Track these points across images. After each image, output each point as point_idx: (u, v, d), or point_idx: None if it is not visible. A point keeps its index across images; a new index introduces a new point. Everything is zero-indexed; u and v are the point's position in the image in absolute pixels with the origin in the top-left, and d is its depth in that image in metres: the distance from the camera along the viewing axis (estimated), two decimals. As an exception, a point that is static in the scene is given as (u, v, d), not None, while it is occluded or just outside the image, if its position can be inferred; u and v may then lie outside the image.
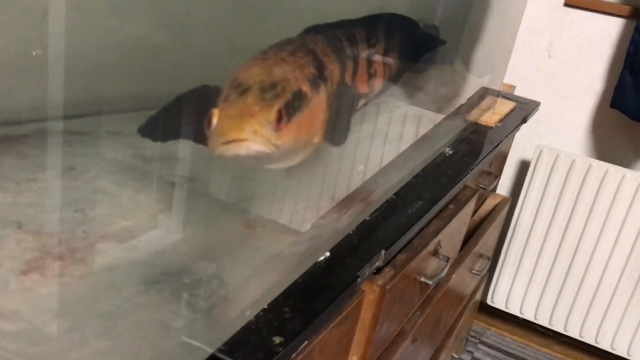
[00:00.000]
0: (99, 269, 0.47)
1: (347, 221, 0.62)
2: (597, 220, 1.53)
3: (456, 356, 1.54)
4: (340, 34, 0.75)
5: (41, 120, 0.64)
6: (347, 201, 0.65)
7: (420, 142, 0.86)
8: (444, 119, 0.96)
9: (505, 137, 1.02)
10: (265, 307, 0.49)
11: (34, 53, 0.58)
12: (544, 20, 1.53)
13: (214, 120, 0.48)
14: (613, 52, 1.50)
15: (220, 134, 0.48)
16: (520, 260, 1.67)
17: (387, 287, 0.71)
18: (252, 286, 0.50)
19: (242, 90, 0.51)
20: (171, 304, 0.46)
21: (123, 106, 0.64)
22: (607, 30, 1.49)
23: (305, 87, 0.56)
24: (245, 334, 0.45)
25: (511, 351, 1.77)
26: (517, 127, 1.08)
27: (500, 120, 1.08)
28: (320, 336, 0.53)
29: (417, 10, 0.92)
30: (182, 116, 0.58)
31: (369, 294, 0.70)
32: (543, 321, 1.68)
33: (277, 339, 0.46)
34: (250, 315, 0.47)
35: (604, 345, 1.62)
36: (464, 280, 1.28)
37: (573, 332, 1.65)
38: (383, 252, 0.60)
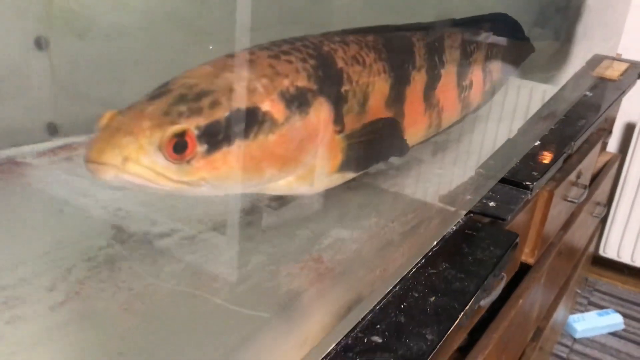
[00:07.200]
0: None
1: (542, 127, 0.91)
2: None
3: (579, 291, 1.77)
4: (414, 38, 0.61)
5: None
6: (538, 117, 0.93)
7: (566, 87, 1.13)
8: (576, 74, 1.22)
9: (628, 86, 1.27)
10: (514, 165, 0.78)
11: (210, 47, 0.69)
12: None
13: (99, 125, 0.37)
14: None
15: (89, 147, 0.36)
16: (630, 211, 1.87)
17: (554, 192, 0.98)
18: (503, 158, 0.79)
19: (160, 92, 0.39)
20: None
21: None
22: None
23: (270, 105, 0.42)
24: (510, 175, 0.75)
25: (625, 297, 1.96)
26: (635, 80, 1.33)
27: (621, 75, 1.33)
28: (516, 219, 0.79)
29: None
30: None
31: (540, 197, 0.98)
32: (654, 268, 1.87)
33: (528, 184, 0.74)
34: (505, 170, 0.76)
35: None
36: (587, 222, 1.52)
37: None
38: (572, 142, 0.88)
